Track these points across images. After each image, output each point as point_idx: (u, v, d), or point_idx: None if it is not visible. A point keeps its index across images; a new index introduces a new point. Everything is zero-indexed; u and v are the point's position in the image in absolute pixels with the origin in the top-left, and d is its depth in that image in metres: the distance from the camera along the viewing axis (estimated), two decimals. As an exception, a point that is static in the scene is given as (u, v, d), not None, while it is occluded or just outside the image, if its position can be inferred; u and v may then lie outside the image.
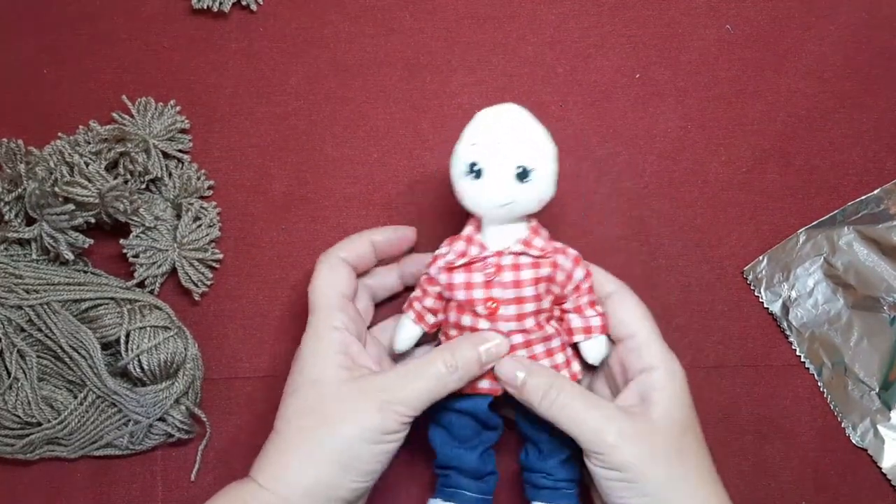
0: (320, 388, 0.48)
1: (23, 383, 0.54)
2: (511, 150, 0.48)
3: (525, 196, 0.48)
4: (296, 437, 0.47)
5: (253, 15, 0.62)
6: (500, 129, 0.49)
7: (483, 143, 0.48)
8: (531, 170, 0.48)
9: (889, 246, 0.57)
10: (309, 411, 0.47)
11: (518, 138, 0.48)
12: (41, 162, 0.55)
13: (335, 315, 0.50)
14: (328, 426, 0.46)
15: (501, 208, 0.49)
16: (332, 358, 0.48)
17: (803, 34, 0.61)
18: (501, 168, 0.48)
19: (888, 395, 0.56)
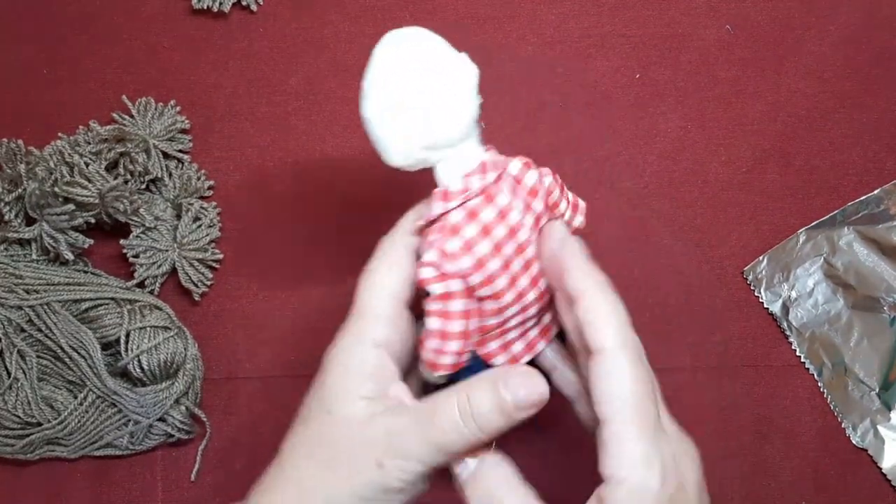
0: (331, 424, 0.41)
1: (23, 383, 0.54)
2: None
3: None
4: (292, 475, 0.42)
5: (253, 15, 0.62)
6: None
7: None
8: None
9: (889, 246, 0.57)
10: (314, 447, 0.41)
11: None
12: (41, 162, 0.55)
13: (379, 327, 0.42)
14: (325, 472, 0.40)
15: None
16: (356, 386, 0.41)
17: (803, 34, 0.61)
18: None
19: (888, 396, 0.56)
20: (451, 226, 0.41)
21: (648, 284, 0.58)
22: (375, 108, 0.41)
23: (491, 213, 0.41)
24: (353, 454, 0.40)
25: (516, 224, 0.41)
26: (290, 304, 0.58)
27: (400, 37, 0.42)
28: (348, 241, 0.59)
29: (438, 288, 0.41)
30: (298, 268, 0.59)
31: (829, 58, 0.61)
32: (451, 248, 0.40)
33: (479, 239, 0.40)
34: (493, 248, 0.40)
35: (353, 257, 0.59)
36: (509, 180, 0.42)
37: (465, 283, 0.41)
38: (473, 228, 0.40)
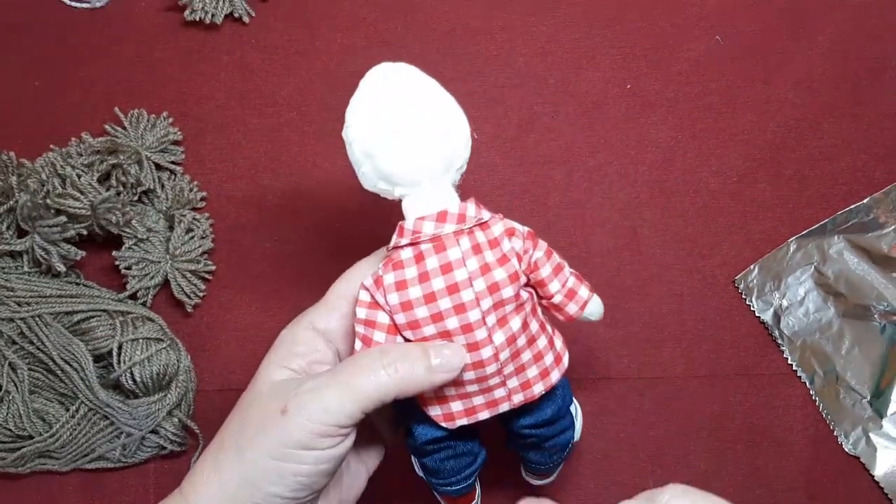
0: (253, 387, 0.42)
1: (14, 396, 0.54)
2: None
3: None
4: (215, 444, 0.42)
5: (245, 27, 0.62)
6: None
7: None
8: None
9: (879, 254, 0.58)
10: (236, 412, 0.42)
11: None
12: (33, 174, 0.55)
13: (326, 316, 0.43)
14: (241, 434, 0.40)
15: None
16: (283, 359, 0.42)
17: (792, 45, 0.62)
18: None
19: (880, 403, 0.56)
20: (396, 260, 0.41)
21: (640, 293, 0.58)
22: (350, 131, 0.42)
23: (434, 263, 0.41)
24: (263, 408, 0.40)
25: (461, 282, 0.40)
26: (282, 316, 0.58)
27: (391, 70, 0.43)
28: (341, 252, 0.59)
29: (363, 313, 0.42)
30: (291, 279, 0.59)
31: (818, 68, 0.62)
32: (387, 281, 0.41)
33: (414, 283, 0.41)
34: (423, 297, 0.41)
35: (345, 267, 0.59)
36: (473, 239, 0.41)
37: (391, 319, 0.41)
38: (413, 271, 0.41)
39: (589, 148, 0.61)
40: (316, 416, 0.39)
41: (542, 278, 0.43)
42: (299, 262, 0.59)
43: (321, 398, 0.39)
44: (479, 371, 0.42)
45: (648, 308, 0.58)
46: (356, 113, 0.42)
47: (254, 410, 0.41)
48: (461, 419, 0.43)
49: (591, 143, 0.61)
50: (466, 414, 0.43)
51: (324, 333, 0.43)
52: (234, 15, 0.61)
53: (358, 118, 0.42)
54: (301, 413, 0.39)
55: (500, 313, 0.41)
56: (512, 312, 0.42)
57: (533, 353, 0.43)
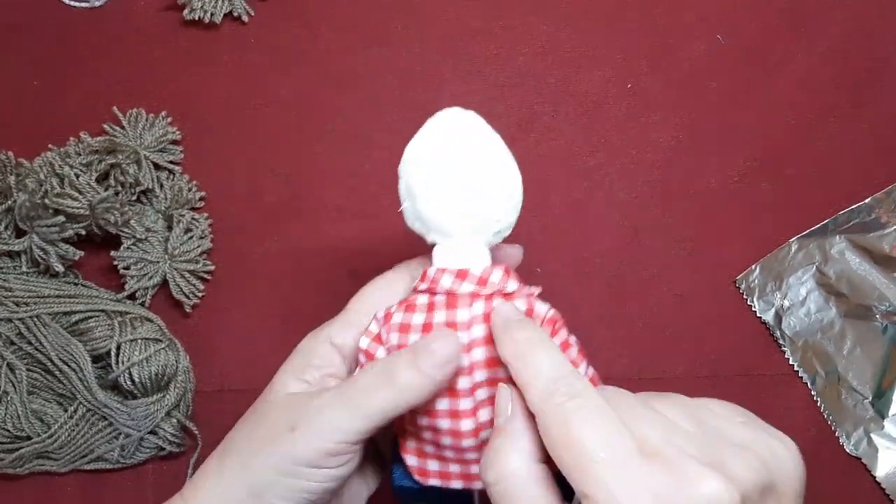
0: (267, 395, 0.42)
1: (12, 397, 0.54)
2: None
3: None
4: (220, 451, 0.41)
5: (244, 26, 0.62)
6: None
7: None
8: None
9: (880, 254, 0.58)
10: (244, 422, 0.42)
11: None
12: (31, 174, 0.54)
13: (343, 330, 0.43)
14: (248, 444, 0.40)
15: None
16: (298, 370, 0.42)
17: (794, 45, 0.62)
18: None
19: (881, 404, 0.56)
20: (409, 302, 0.41)
21: (641, 294, 0.58)
22: (402, 166, 0.42)
23: (441, 318, 0.39)
24: (272, 421, 0.40)
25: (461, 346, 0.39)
26: (281, 316, 0.58)
27: (459, 117, 0.42)
28: (340, 252, 0.59)
29: (365, 343, 0.41)
30: (290, 279, 0.59)
31: (819, 68, 0.61)
32: (394, 319, 0.40)
33: (416, 330, 0.40)
34: None
35: (345, 268, 0.59)
36: (489, 306, 0.39)
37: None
38: (420, 318, 0.40)
39: (589, 148, 0.60)
40: (326, 435, 0.38)
41: None
42: (298, 263, 0.59)
43: (330, 417, 0.38)
44: (455, 440, 0.40)
45: (649, 308, 0.58)
46: (411, 150, 0.42)
47: (264, 422, 0.40)
48: (433, 479, 0.41)
49: (592, 143, 0.61)
50: (441, 476, 0.41)
51: (340, 349, 0.43)
52: (234, 14, 0.61)
53: (412, 156, 0.42)
54: (310, 432, 0.38)
55: (493, 391, 0.39)
56: None
57: None
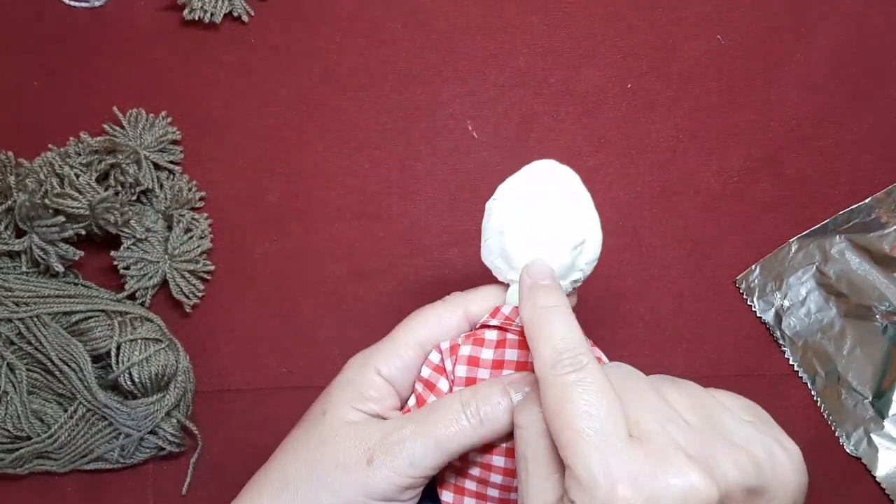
0: (324, 423, 0.41)
1: (12, 397, 0.54)
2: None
3: None
4: (275, 476, 0.41)
5: (244, 26, 0.62)
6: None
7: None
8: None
9: (880, 254, 0.58)
10: (301, 445, 0.41)
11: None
12: (31, 174, 0.54)
13: (390, 363, 0.42)
14: (310, 470, 0.40)
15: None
16: (356, 401, 0.41)
17: (794, 44, 0.62)
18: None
19: (881, 404, 0.56)
20: (479, 337, 0.42)
21: (641, 294, 0.58)
22: (495, 204, 0.43)
23: (513, 356, 0.41)
24: (341, 452, 0.39)
25: None
26: (281, 316, 0.58)
27: (558, 169, 0.44)
28: (340, 253, 0.59)
29: (426, 373, 0.42)
30: (290, 279, 0.58)
31: (819, 68, 0.61)
32: (461, 352, 0.41)
33: (486, 365, 0.41)
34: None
35: (345, 268, 0.59)
36: None
37: (450, 388, 0.41)
38: (489, 353, 0.41)
39: (589, 147, 0.60)
40: (403, 469, 0.38)
41: None
42: (298, 263, 0.59)
43: (408, 451, 0.38)
44: (507, 479, 0.40)
45: (649, 308, 0.58)
46: (508, 191, 0.43)
47: (329, 452, 0.40)
48: (448, 491, 0.42)
49: (592, 142, 0.60)
50: (455, 490, 0.42)
51: (389, 380, 0.42)
52: (234, 14, 0.61)
53: (509, 195, 0.43)
54: (388, 466, 0.38)
55: None
56: None
57: None
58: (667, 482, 0.32)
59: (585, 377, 0.35)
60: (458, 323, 0.43)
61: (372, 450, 0.39)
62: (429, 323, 0.43)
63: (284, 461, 0.41)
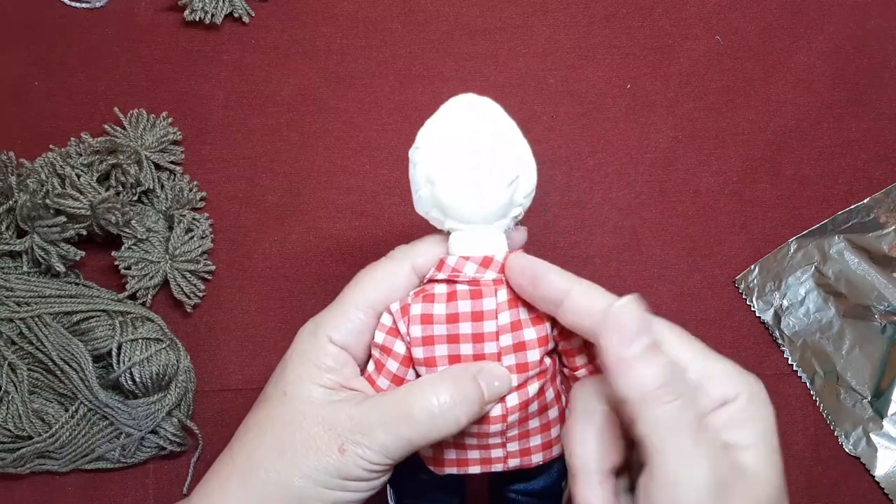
0: (287, 405, 0.40)
1: (13, 397, 0.54)
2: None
3: None
4: (242, 461, 0.40)
5: (245, 27, 0.62)
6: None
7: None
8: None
9: (879, 254, 0.58)
10: (266, 429, 0.40)
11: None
12: (32, 174, 0.55)
13: (342, 328, 0.41)
14: (280, 455, 0.39)
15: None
16: (315, 375, 0.41)
17: (792, 45, 0.62)
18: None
19: (880, 404, 0.56)
20: (428, 293, 0.40)
21: (640, 294, 0.58)
22: (417, 152, 0.41)
23: (466, 307, 0.40)
24: (311, 436, 0.39)
25: (487, 333, 0.40)
26: (282, 316, 0.58)
27: (476, 102, 0.41)
28: (340, 252, 0.59)
29: (380, 337, 0.41)
30: (290, 279, 0.59)
31: (818, 68, 0.62)
32: (413, 311, 0.40)
33: (441, 320, 0.40)
34: (447, 336, 0.40)
35: (345, 267, 0.59)
36: (511, 292, 0.40)
37: (407, 350, 0.40)
38: (442, 308, 0.40)
39: (589, 148, 0.61)
40: (375, 458, 0.38)
41: (571, 349, 0.41)
42: (299, 263, 0.59)
43: (380, 443, 0.38)
44: (482, 427, 0.40)
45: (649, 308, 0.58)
46: (429, 136, 0.41)
47: (297, 436, 0.39)
48: (451, 468, 0.42)
49: (591, 143, 0.61)
50: (458, 464, 0.42)
51: (344, 347, 0.42)
52: (234, 15, 0.61)
53: (430, 142, 0.41)
54: (360, 454, 0.38)
55: (522, 377, 0.40)
56: (533, 378, 0.40)
57: (541, 423, 0.42)
58: None
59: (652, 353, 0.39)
60: (406, 278, 0.42)
61: (342, 437, 0.38)
62: (376, 282, 0.42)
63: (249, 446, 0.41)
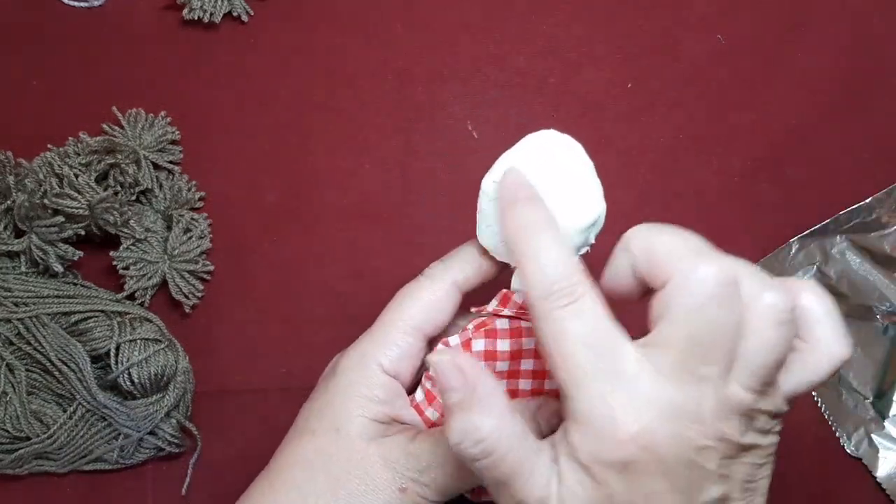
0: (341, 442, 0.39)
1: (11, 397, 0.54)
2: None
3: None
4: (291, 496, 0.40)
5: (244, 26, 0.62)
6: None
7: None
8: None
9: (881, 255, 0.58)
10: (317, 466, 0.40)
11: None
12: (30, 174, 0.54)
13: (391, 354, 0.40)
14: (335, 493, 0.39)
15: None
16: (366, 409, 0.40)
17: (794, 45, 0.62)
18: None
19: (882, 404, 0.56)
20: (491, 328, 0.39)
21: (641, 294, 0.58)
22: (495, 185, 0.40)
23: (531, 345, 0.39)
24: (368, 475, 0.38)
25: (549, 371, 0.39)
26: (281, 317, 0.58)
27: (561, 141, 0.40)
28: (340, 253, 0.59)
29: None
30: (290, 280, 0.58)
31: (819, 68, 0.61)
32: (475, 347, 0.39)
33: (504, 357, 0.39)
34: (507, 373, 0.39)
35: (345, 268, 0.59)
36: None
37: None
38: (506, 345, 0.39)
39: (589, 148, 0.60)
40: (432, 497, 0.38)
41: None
42: (298, 263, 0.59)
43: (439, 481, 0.38)
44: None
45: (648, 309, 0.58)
46: (500, 165, 0.40)
47: (355, 475, 0.39)
48: (488, 497, 0.41)
49: (592, 142, 0.60)
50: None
51: (393, 375, 0.41)
52: (233, 14, 0.61)
53: (501, 172, 0.40)
54: (419, 493, 0.38)
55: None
56: None
57: None
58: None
59: (583, 308, 0.33)
60: (449, 297, 0.41)
61: (402, 476, 0.38)
62: (419, 303, 0.41)
63: (298, 480, 0.40)
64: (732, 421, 0.32)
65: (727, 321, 0.31)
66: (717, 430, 0.32)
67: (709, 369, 0.31)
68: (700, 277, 0.32)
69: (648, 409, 0.31)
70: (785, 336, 0.32)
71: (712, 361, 0.31)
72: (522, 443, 0.33)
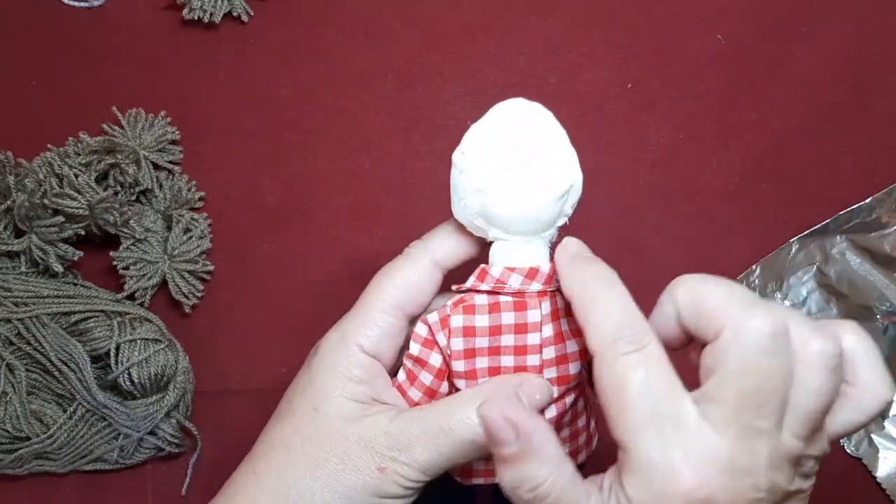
0: (319, 422, 0.40)
1: (11, 397, 0.54)
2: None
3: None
4: (266, 475, 0.40)
5: (244, 26, 0.62)
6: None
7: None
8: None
9: (881, 255, 0.58)
10: (297, 447, 0.40)
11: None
12: (30, 174, 0.54)
13: (371, 334, 0.41)
14: (313, 474, 0.39)
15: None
16: (346, 389, 0.40)
17: (794, 45, 0.62)
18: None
19: (882, 405, 0.56)
20: (468, 304, 0.39)
21: (641, 295, 0.58)
22: (465, 158, 0.40)
23: (510, 319, 0.39)
24: (346, 453, 0.39)
25: (531, 346, 0.39)
26: (281, 317, 0.58)
27: (527, 108, 0.40)
28: (340, 253, 0.59)
29: (416, 349, 0.40)
30: (289, 279, 0.58)
31: (819, 68, 0.61)
32: (454, 323, 0.39)
33: (483, 333, 0.39)
34: (489, 349, 0.39)
35: (345, 268, 0.59)
36: (554, 303, 0.39)
37: (444, 362, 0.40)
38: (484, 320, 0.39)
39: (589, 148, 0.60)
40: (414, 475, 0.38)
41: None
42: (297, 263, 0.59)
43: (419, 458, 0.38)
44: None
45: (649, 309, 0.58)
46: (479, 142, 0.39)
47: (333, 455, 0.39)
48: (478, 478, 0.41)
49: (592, 142, 0.60)
50: (485, 475, 0.41)
51: (373, 354, 0.41)
52: (233, 14, 0.61)
53: (480, 149, 0.39)
54: (400, 472, 0.38)
55: (561, 389, 0.39)
56: (571, 390, 0.40)
57: (571, 431, 0.41)
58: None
59: (648, 356, 0.34)
60: (429, 275, 0.41)
61: (381, 455, 0.38)
62: (399, 282, 0.41)
63: (277, 465, 0.40)
64: (783, 470, 0.33)
65: (780, 373, 0.32)
66: (770, 480, 0.32)
67: (764, 422, 0.32)
68: (752, 330, 0.32)
69: (706, 464, 0.32)
70: (834, 382, 0.33)
71: (767, 414, 0.32)
72: (575, 487, 0.34)
